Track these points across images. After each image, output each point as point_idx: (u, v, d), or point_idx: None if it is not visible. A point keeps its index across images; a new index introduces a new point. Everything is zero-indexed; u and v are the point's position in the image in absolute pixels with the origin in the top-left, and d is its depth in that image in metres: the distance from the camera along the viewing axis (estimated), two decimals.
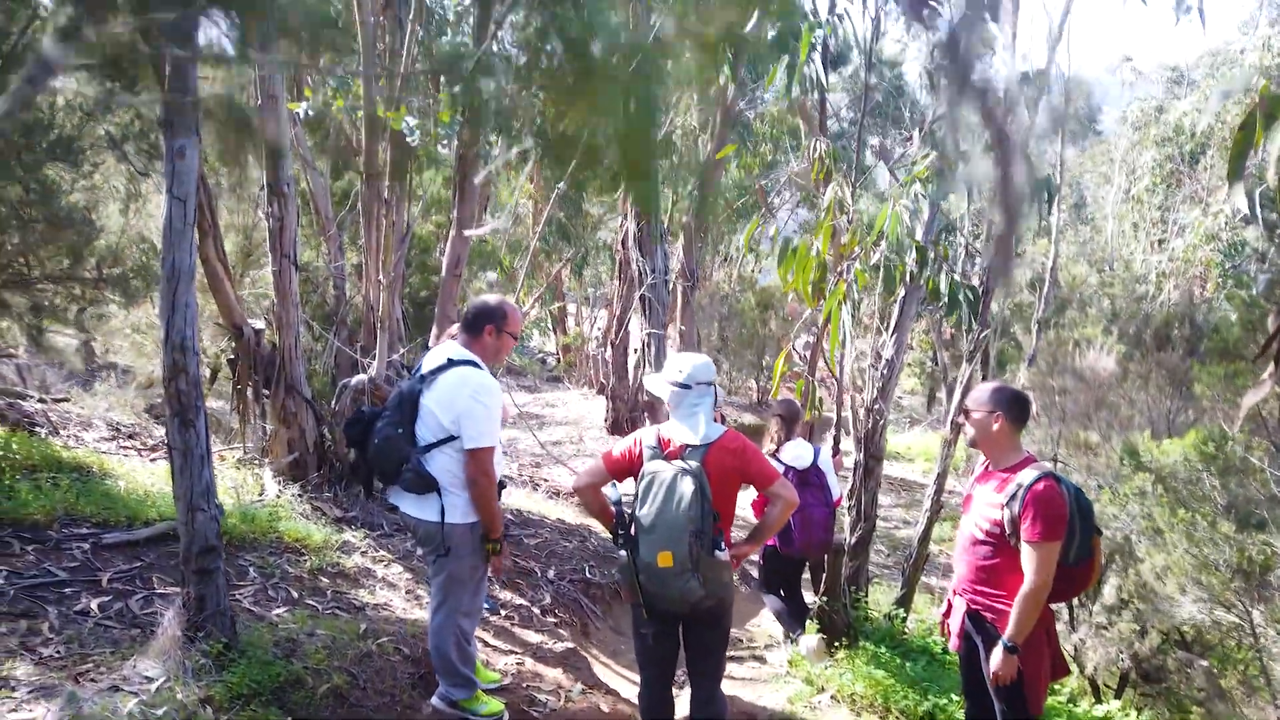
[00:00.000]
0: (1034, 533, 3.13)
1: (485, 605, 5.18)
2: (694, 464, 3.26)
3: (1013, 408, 3.39)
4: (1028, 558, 3.16)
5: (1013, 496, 3.21)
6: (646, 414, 9.34)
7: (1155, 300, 16.61)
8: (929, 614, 6.12)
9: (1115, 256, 21.09)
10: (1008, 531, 3.22)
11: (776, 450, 5.43)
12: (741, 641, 6.27)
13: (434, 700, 3.89)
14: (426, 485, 3.47)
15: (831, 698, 4.74)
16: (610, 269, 18.21)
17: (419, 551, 5.47)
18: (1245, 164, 1.51)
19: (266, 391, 6.03)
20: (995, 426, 3.37)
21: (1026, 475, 3.23)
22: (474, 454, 3.48)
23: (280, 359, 5.92)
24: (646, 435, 3.45)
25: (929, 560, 6.55)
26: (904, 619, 5.62)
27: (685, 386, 3.41)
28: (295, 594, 4.60)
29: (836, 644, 5.29)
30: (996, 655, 3.20)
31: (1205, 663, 4.31)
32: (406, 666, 4.13)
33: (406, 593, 5.21)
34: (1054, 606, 3.54)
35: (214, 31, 1.92)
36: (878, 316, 5.18)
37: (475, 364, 3.60)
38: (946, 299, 3.70)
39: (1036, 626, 3.21)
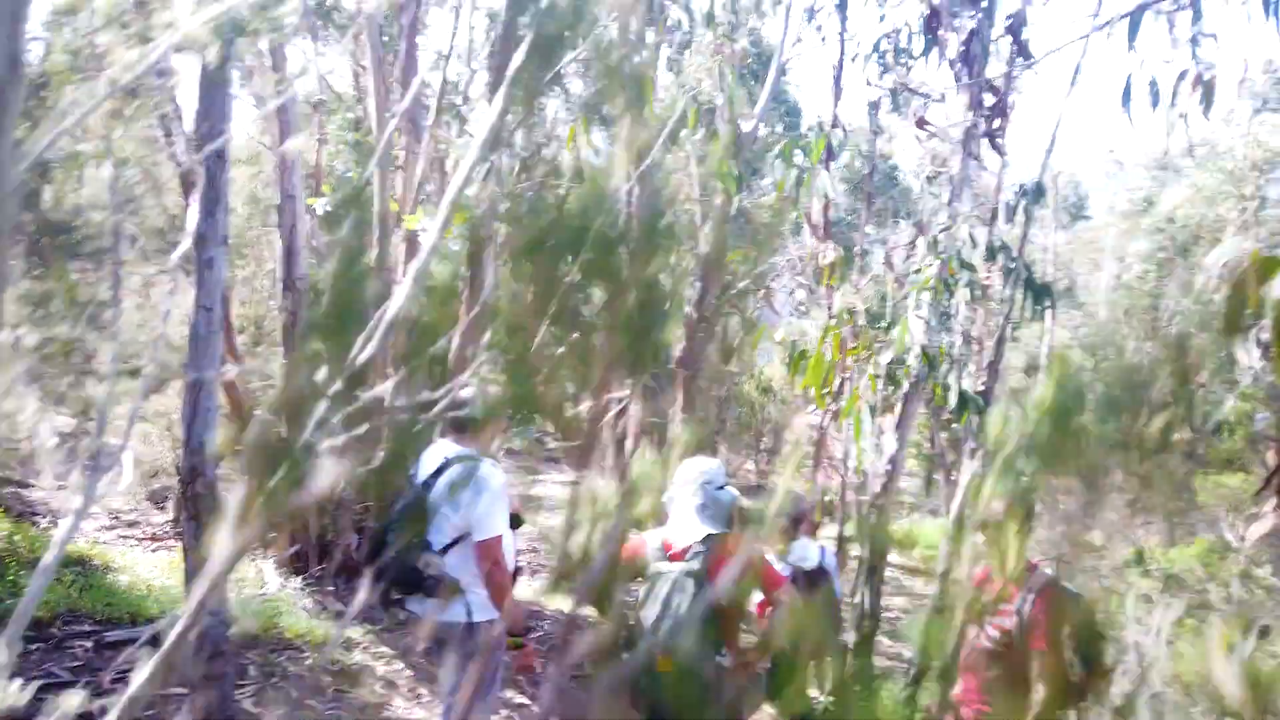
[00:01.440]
0: (1043, 640, 3.13)
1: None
2: (695, 566, 3.28)
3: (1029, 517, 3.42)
4: (1038, 665, 3.15)
5: (1021, 605, 3.22)
6: None
7: (1152, 387, 16.73)
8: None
9: (1109, 343, 21.27)
10: (1017, 640, 3.22)
11: (780, 556, 5.39)
12: None
13: None
14: (450, 588, 3.46)
15: None
16: None
17: (423, 646, 5.40)
18: (1242, 319, 1.60)
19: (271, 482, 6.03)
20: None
21: (1034, 581, 3.25)
22: (483, 545, 3.46)
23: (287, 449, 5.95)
24: (652, 537, 3.47)
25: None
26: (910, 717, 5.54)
27: (680, 487, 3.45)
28: (296, 694, 4.55)
29: None
30: None
31: None
32: None
33: (408, 691, 5.14)
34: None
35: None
36: (880, 411, 5.25)
37: (474, 456, 3.61)
38: (956, 405, 3.78)
39: None
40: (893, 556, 15.13)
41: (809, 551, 5.41)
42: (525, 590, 8.60)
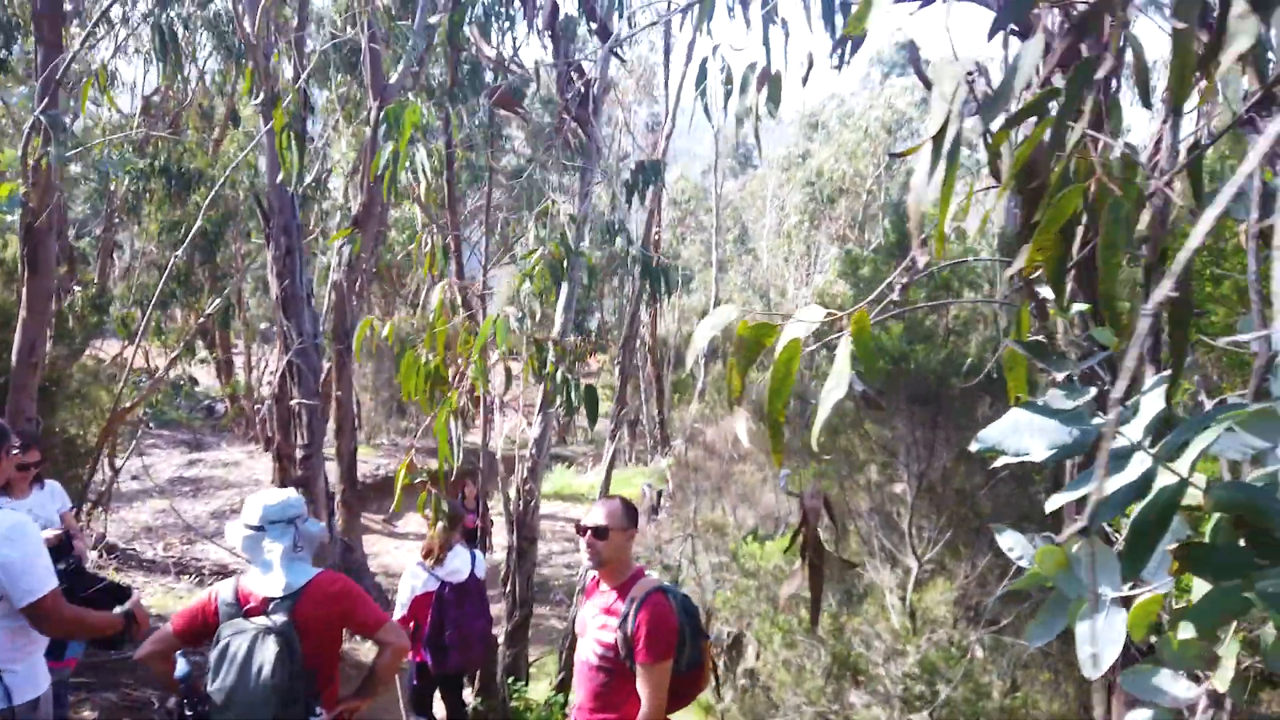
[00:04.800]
0: (648, 655, 3.06)
1: None
2: (280, 619, 2.87)
3: (635, 520, 3.34)
4: (643, 680, 3.07)
5: (625, 618, 3.12)
6: (318, 476, 8.65)
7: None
8: None
9: (772, 285, 23.12)
10: (622, 654, 3.13)
11: (438, 562, 5.07)
12: None
13: None
14: None
15: None
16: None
17: None
18: (744, 390, 1.44)
19: None
20: (628, 543, 3.29)
21: (638, 591, 3.16)
22: (37, 608, 2.79)
23: None
24: (223, 590, 2.99)
25: None
26: (564, 705, 5.50)
27: (259, 529, 3.01)
28: None
29: None
30: None
31: None
32: None
33: None
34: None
35: None
36: (521, 400, 5.03)
37: None
38: (565, 406, 3.58)
39: None
40: (554, 507, 15.50)
41: (460, 563, 5.12)
42: (160, 597, 7.62)
